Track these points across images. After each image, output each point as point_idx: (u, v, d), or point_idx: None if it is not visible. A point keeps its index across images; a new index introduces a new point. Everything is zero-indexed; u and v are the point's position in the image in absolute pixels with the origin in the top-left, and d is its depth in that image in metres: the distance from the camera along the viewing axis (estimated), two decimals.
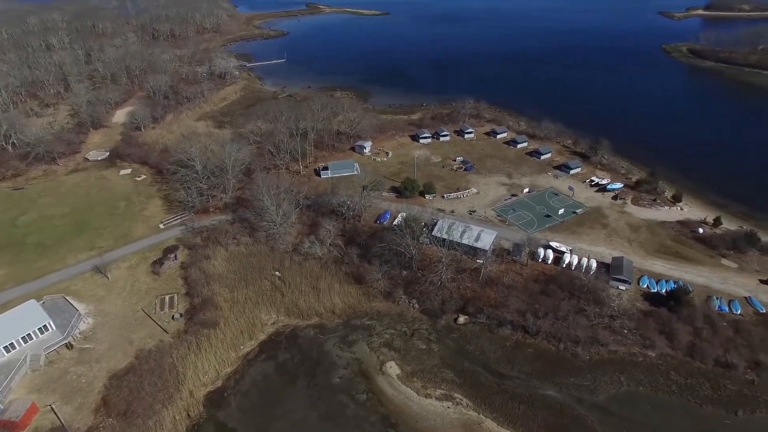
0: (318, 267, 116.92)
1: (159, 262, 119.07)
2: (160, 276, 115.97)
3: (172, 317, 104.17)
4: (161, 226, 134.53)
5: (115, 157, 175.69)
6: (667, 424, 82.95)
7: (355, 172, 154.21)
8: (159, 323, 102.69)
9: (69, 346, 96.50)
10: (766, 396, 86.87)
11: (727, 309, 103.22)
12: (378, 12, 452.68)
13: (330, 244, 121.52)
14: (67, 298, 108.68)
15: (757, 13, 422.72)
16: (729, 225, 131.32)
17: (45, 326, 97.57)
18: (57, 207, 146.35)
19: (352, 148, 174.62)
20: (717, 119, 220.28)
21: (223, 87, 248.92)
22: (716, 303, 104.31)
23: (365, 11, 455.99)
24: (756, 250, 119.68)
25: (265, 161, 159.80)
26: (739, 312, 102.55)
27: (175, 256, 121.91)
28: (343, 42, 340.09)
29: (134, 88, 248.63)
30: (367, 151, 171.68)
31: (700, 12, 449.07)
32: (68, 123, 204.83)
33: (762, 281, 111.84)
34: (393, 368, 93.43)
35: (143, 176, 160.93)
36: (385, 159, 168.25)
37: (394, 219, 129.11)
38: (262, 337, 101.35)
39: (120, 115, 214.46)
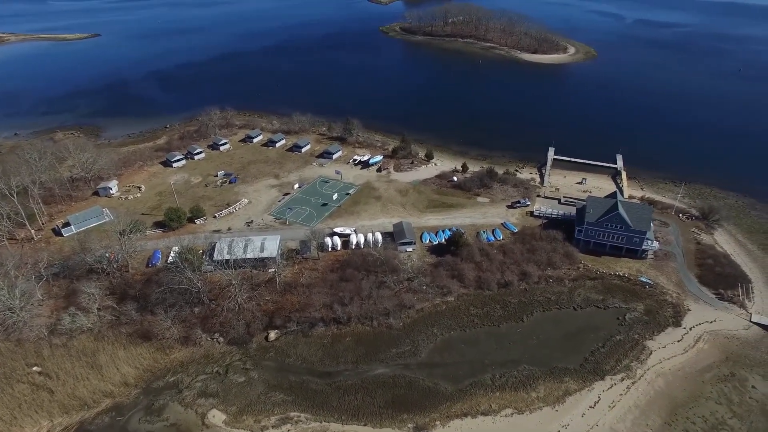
0: (91, 340, 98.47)
1: None
2: None
3: None
4: None
5: None
6: (479, 352, 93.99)
7: (107, 219, 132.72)
8: None
9: None
10: (536, 297, 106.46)
11: (492, 238, 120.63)
12: (85, 35, 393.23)
13: (98, 309, 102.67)
14: None
15: None
16: (474, 168, 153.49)
17: None
18: None
19: (96, 193, 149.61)
20: (437, 80, 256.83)
21: None
22: (484, 236, 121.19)
23: (68, 35, 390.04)
24: (497, 183, 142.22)
25: None
26: (501, 237, 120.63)
27: None
28: (46, 74, 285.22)
29: None
30: (114, 191, 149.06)
31: None
32: None
33: (508, 206, 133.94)
34: (217, 416, 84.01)
35: None
36: (139, 194, 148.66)
37: (168, 256, 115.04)
38: None
39: None
